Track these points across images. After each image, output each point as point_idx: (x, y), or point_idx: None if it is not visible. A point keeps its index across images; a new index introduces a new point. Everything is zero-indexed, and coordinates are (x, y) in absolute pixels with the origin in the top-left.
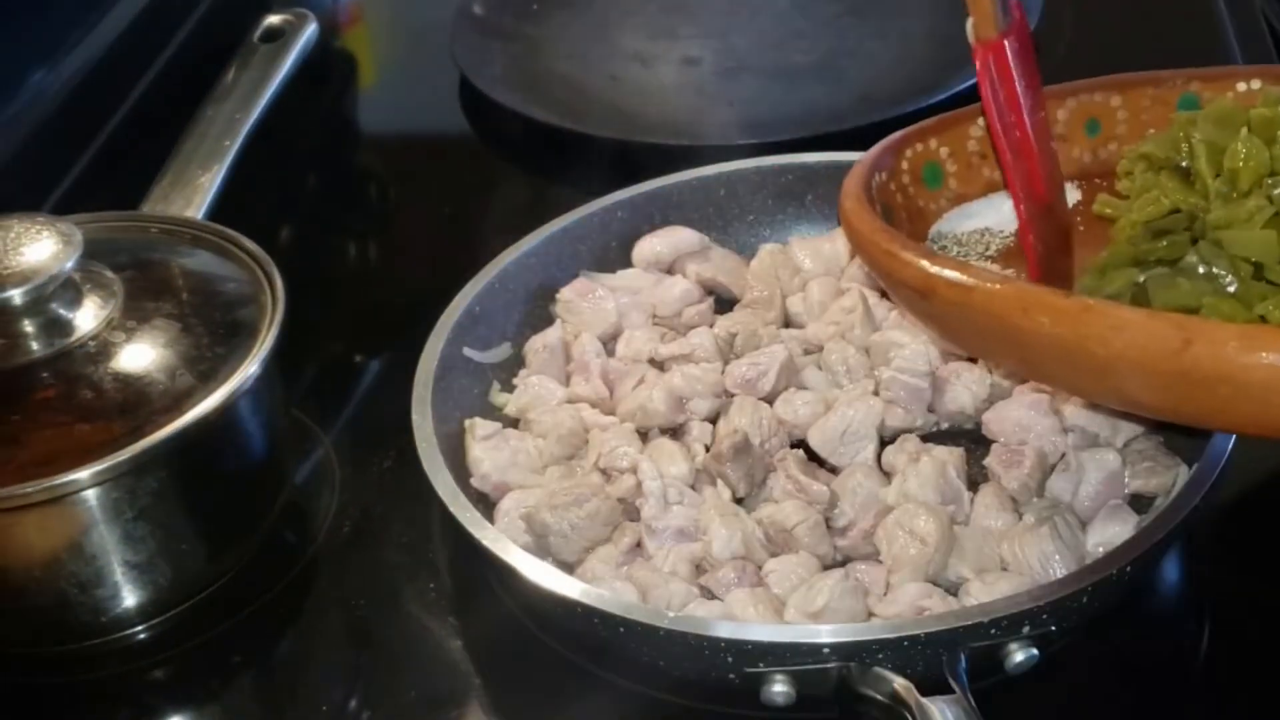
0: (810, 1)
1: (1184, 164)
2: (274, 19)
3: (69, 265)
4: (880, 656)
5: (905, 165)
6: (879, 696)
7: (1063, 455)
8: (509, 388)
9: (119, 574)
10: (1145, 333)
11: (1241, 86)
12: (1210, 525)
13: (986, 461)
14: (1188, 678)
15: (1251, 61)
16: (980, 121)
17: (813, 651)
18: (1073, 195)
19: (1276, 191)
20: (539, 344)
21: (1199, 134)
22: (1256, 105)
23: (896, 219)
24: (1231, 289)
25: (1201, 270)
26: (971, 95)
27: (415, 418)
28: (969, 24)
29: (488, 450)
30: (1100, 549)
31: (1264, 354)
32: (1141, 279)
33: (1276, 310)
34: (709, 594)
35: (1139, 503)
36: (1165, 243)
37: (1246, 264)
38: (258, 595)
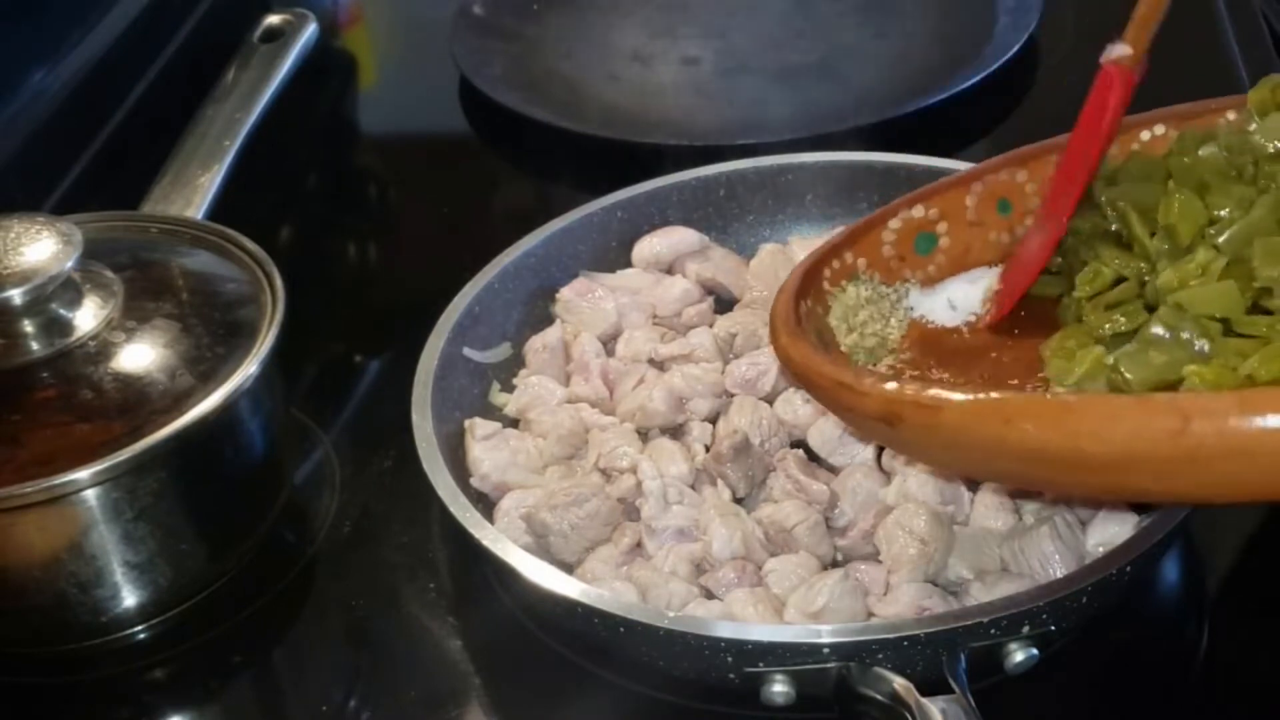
0: (810, 1)
1: (1115, 228)
2: (274, 19)
3: (69, 265)
4: (880, 656)
5: (827, 285)
6: (879, 696)
7: None
8: (509, 388)
9: (119, 574)
10: (1139, 421)
11: (1145, 135)
12: (1210, 525)
13: None
14: (1188, 678)
15: (1251, 63)
16: (891, 224)
17: (812, 651)
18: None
19: (1221, 240)
20: (539, 344)
21: (1123, 196)
22: (1170, 151)
23: (829, 343)
24: (1205, 351)
25: (1169, 337)
26: (962, 100)
27: (415, 418)
28: (1114, 48)
29: (488, 450)
30: (1100, 549)
31: (1269, 417)
32: (1110, 359)
33: (1263, 366)
34: (709, 594)
35: None
36: (1119, 314)
37: (1214, 322)
38: (258, 595)
